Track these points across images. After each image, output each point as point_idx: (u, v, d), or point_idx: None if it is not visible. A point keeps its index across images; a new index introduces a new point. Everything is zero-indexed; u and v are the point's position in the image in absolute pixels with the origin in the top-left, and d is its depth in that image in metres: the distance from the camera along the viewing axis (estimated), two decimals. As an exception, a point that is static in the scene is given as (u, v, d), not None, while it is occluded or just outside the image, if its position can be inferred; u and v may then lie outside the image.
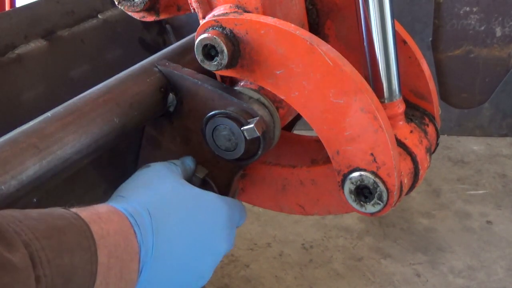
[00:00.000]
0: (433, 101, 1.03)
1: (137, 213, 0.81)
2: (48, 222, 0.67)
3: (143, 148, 1.07)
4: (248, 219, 0.99)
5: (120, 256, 0.75)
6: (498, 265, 2.13)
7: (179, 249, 0.84)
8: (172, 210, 0.85)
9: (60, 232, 0.67)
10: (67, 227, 0.69)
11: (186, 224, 0.85)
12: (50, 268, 0.63)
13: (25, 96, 1.12)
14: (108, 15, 1.30)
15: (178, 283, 0.85)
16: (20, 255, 0.60)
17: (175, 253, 0.83)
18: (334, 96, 0.86)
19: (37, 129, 0.84)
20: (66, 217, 0.70)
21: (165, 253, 0.82)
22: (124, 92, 0.95)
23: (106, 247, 0.72)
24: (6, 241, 0.60)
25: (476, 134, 2.88)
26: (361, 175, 0.89)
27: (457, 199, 2.47)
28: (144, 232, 0.80)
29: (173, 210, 0.85)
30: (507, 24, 2.70)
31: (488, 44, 2.73)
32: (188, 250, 0.85)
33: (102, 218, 0.75)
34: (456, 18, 2.71)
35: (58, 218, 0.69)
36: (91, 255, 0.70)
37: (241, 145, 0.94)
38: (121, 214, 0.79)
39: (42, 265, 0.62)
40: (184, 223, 0.85)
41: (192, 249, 0.85)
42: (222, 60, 0.90)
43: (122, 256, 0.75)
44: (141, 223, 0.80)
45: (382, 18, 0.94)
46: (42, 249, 0.63)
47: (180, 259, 0.84)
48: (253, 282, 2.03)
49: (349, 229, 2.31)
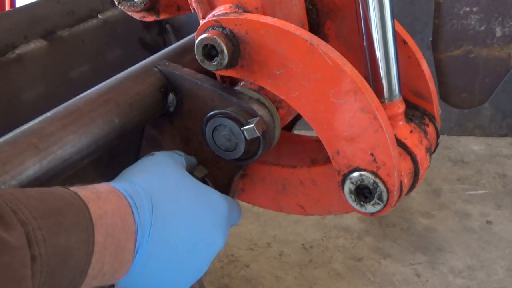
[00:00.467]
0: (433, 101, 1.03)
1: (137, 195, 0.81)
2: (47, 202, 0.67)
3: (143, 148, 1.07)
4: (248, 219, 0.99)
5: (116, 236, 0.75)
6: (498, 265, 2.13)
7: (177, 237, 0.83)
8: (173, 198, 0.85)
9: (58, 213, 0.67)
10: (65, 207, 0.69)
11: (186, 213, 0.85)
12: (45, 247, 0.63)
13: (25, 96, 1.12)
14: (108, 15, 1.30)
15: (173, 271, 0.84)
16: (17, 234, 0.60)
17: (173, 241, 0.83)
18: (334, 96, 0.87)
19: (37, 129, 0.84)
20: (65, 197, 0.70)
21: (163, 239, 0.81)
22: (124, 92, 0.95)
23: (103, 227, 0.73)
24: (3, 220, 0.60)
25: (476, 134, 2.88)
26: (361, 175, 0.89)
27: (457, 199, 2.47)
28: (142, 214, 0.79)
29: (175, 198, 0.85)
30: (507, 24, 2.70)
31: (488, 44, 2.73)
32: (186, 240, 0.84)
33: (101, 198, 0.75)
34: (456, 18, 2.71)
35: (57, 198, 0.69)
36: (88, 235, 0.70)
37: (241, 145, 0.94)
38: (120, 194, 0.79)
39: (38, 244, 0.62)
40: (184, 212, 0.85)
41: (190, 239, 0.85)
42: (222, 60, 0.90)
43: (119, 235, 0.75)
44: (140, 205, 0.80)
45: (382, 18, 0.94)
46: (39, 229, 0.63)
47: (177, 248, 0.83)
48: (253, 282, 2.03)
49: (349, 229, 2.31)
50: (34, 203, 0.66)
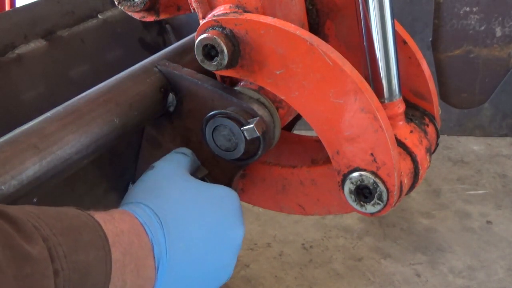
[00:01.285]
0: (433, 101, 1.03)
1: (145, 214, 0.82)
2: (64, 221, 0.69)
3: (143, 148, 1.07)
4: (248, 219, 1.00)
5: (135, 253, 0.76)
6: (498, 265, 2.13)
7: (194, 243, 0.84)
8: (180, 207, 0.86)
9: (76, 231, 0.69)
10: (81, 226, 0.71)
11: (197, 217, 0.86)
12: (67, 263, 0.65)
13: (25, 96, 1.12)
14: (108, 15, 1.30)
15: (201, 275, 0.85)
16: (39, 248, 0.62)
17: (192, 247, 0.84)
18: (334, 96, 0.87)
19: (37, 129, 0.84)
20: (80, 217, 0.72)
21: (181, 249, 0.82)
22: (124, 92, 0.95)
23: (121, 245, 0.74)
24: (25, 234, 0.62)
25: (476, 134, 2.87)
26: (361, 175, 0.89)
27: (457, 199, 2.47)
28: (155, 231, 0.81)
29: (181, 206, 0.86)
30: (507, 24, 2.70)
31: (488, 44, 2.73)
32: (205, 242, 0.85)
33: (116, 218, 0.77)
34: (456, 18, 2.71)
35: (73, 217, 0.71)
36: (105, 254, 0.71)
37: (241, 145, 0.94)
38: (131, 215, 0.81)
39: (60, 259, 0.64)
40: (194, 217, 0.86)
41: (209, 241, 0.86)
42: (222, 60, 0.90)
43: (137, 253, 0.77)
44: (150, 223, 0.81)
45: (382, 18, 0.94)
46: (59, 245, 0.65)
47: (198, 252, 0.84)
48: (253, 282, 2.03)
49: (349, 229, 2.31)
50: (53, 221, 0.67)
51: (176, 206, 0.86)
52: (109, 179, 1.11)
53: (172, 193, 0.88)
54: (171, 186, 0.89)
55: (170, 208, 0.85)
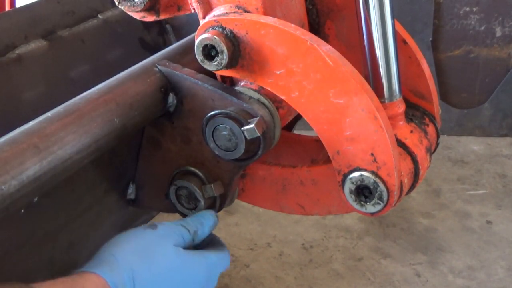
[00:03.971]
0: (433, 101, 1.04)
1: (123, 284, 0.85)
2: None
3: (143, 148, 1.07)
4: (248, 219, 1.00)
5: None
6: (498, 265, 2.13)
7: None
8: (160, 283, 0.89)
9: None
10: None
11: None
12: None
13: (25, 96, 1.12)
14: (108, 15, 1.30)
15: None
16: None
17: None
18: (334, 96, 0.86)
19: (37, 129, 0.84)
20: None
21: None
22: (124, 92, 0.95)
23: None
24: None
25: (476, 134, 2.87)
26: (362, 175, 0.89)
27: (457, 199, 2.47)
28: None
29: (161, 283, 0.89)
30: (507, 24, 2.70)
31: (488, 44, 2.73)
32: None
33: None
34: (456, 18, 2.71)
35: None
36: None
37: (241, 145, 0.94)
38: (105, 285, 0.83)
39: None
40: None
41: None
42: (222, 60, 0.90)
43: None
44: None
45: (382, 18, 0.94)
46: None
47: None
48: (253, 282, 2.03)
49: (349, 229, 2.31)
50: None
51: (156, 279, 0.88)
52: (109, 179, 1.11)
53: (158, 266, 0.89)
54: (161, 257, 0.90)
55: (150, 281, 0.88)
